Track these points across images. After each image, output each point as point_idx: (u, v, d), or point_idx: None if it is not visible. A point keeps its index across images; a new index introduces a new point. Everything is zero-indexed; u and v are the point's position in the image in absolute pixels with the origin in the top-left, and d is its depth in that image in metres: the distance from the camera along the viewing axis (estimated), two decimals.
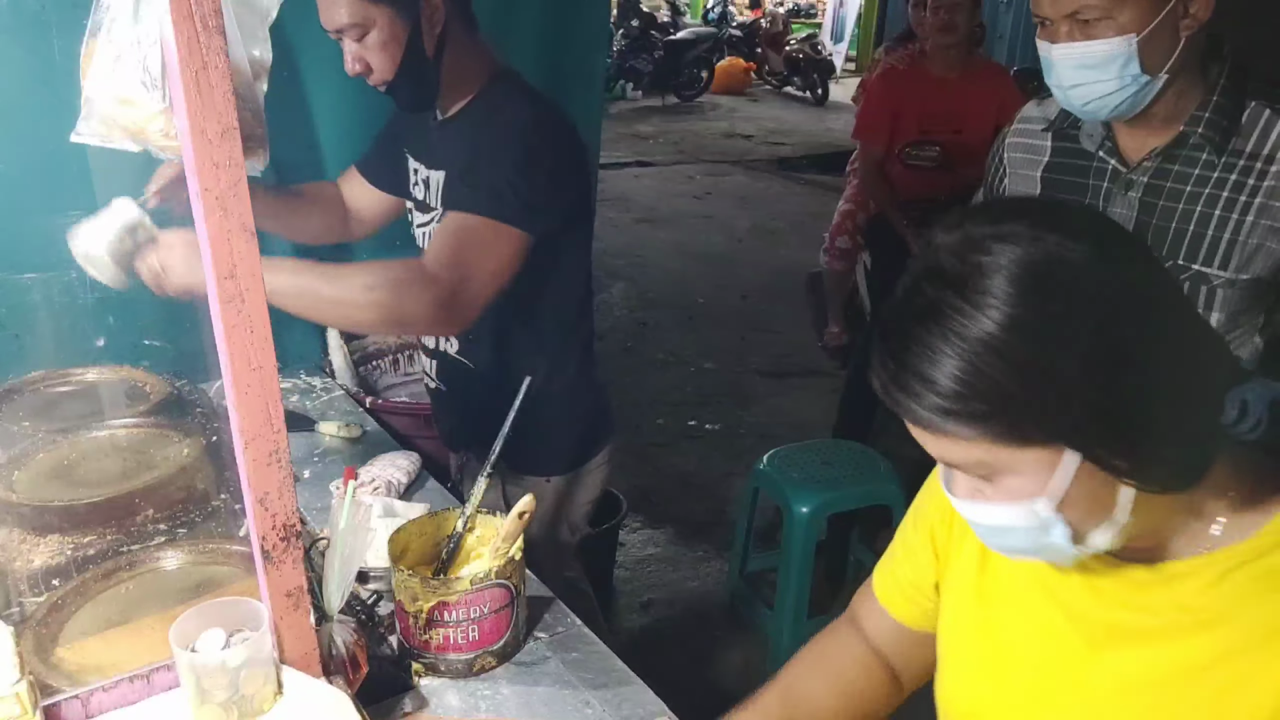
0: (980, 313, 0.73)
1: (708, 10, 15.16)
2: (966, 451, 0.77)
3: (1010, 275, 0.74)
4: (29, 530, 1.41)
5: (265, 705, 1.07)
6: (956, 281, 0.75)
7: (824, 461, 2.87)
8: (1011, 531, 0.82)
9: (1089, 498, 0.78)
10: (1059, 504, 0.78)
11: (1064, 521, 0.79)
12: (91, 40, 1.23)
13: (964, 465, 0.80)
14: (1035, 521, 0.79)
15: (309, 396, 2.19)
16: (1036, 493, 0.78)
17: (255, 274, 0.93)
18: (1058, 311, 0.73)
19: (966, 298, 0.74)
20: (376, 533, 1.48)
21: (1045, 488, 0.77)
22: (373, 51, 1.54)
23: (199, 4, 0.84)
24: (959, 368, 0.74)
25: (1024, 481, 0.78)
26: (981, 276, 0.74)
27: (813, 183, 8.83)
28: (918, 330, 0.76)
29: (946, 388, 0.74)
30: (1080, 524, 0.80)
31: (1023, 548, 0.84)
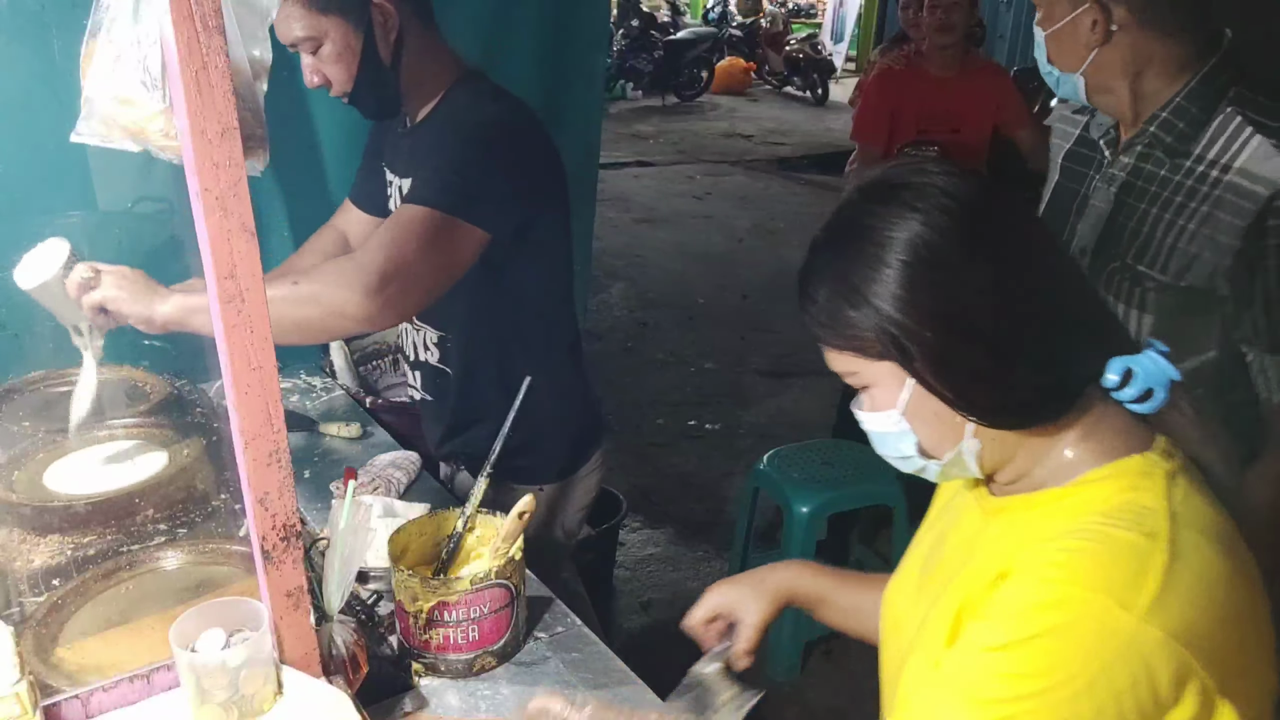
0: (867, 267, 0.86)
1: (708, 10, 15.15)
2: (841, 362, 0.92)
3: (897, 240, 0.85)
4: (29, 530, 1.41)
5: (265, 705, 1.07)
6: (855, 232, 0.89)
7: (824, 461, 2.87)
8: (880, 438, 0.94)
9: (935, 419, 0.89)
10: (907, 417, 0.90)
11: (914, 434, 0.91)
12: (91, 40, 1.24)
13: (842, 373, 0.93)
14: (893, 430, 0.92)
15: (309, 396, 2.19)
16: (889, 405, 0.90)
17: (255, 274, 0.93)
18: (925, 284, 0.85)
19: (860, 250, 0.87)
20: (376, 533, 1.48)
21: (894, 401, 0.90)
22: (328, 63, 1.54)
23: (199, 4, 0.84)
24: (817, 283, 0.90)
25: (881, 393, 0.91)
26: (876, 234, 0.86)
27: (813, 183, 8.83)
28: (816, 258, 0.92)
29: (826, 316, 0.89)
30: (929, 442, 0.91)
31: (889, 455, 0.96)
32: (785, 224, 7.58)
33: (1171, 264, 1.43)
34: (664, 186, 8.77)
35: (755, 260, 6.67)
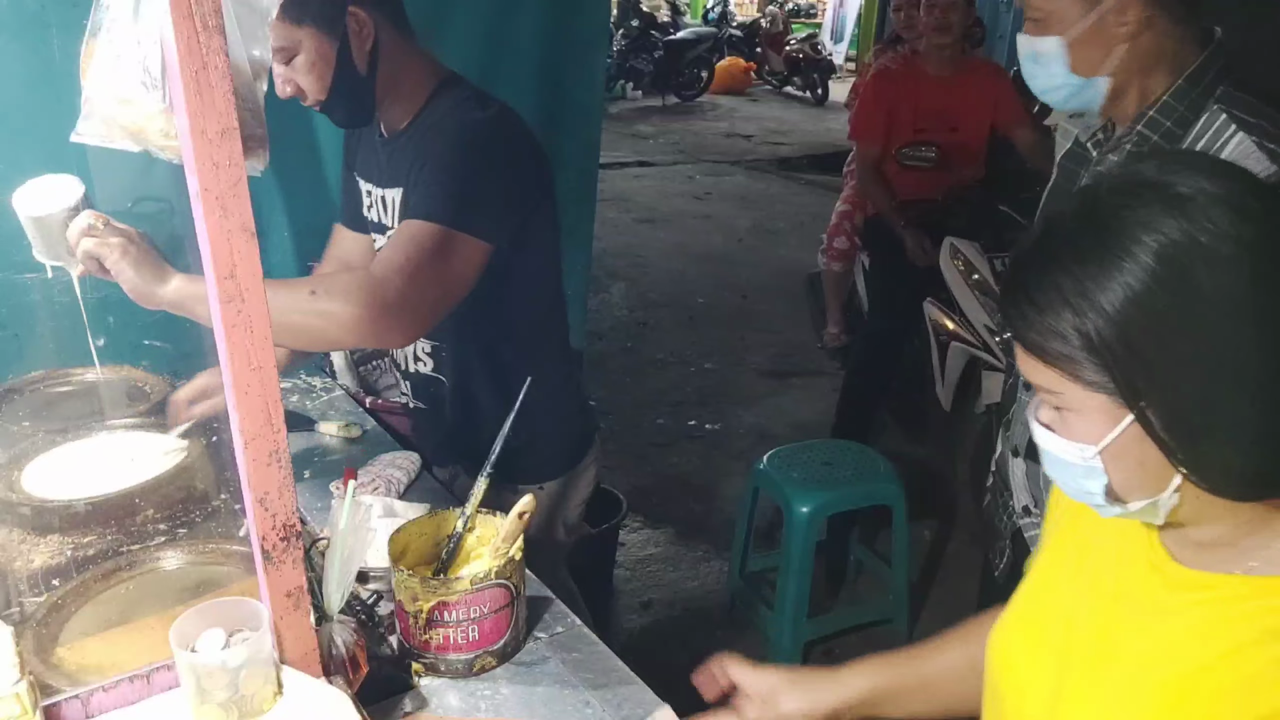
0: (1110, 274, 0.75)
1: (708, 10, 15.16)
2: (1043, 375, 0.81)
3: (1154, 252, 0.73)
4: (29, 530, 1.41)
5: (265, 705, 1.07)
6: (1104, 232, 0.76)
7: (824, 461, 2.87)
8: (1062, 466, 0.84)
9: (1138, 464, 0.79)
10: (1104, 455, 0.80)
11: (1105, 474, 0.81)
12: (91, 40, 1.23)
13: (1041, 387, 0.83)
14: (1081, 463, 0.82)
15: (309, 396, 2.19)
16: (1090, 438, 0.80)
17: (255, 274, 0.93)
18: (1178, 308, 0.74)
19: (1104, 254, 0.75)
20: (376, 533, 1.48)
21: (1099, 437, 0.80)
22: (301, 73, 1.51)
23: (199, 4, 0.84)
24: (1066, 310, 0.76)
25: (1084, 424, 0.80)
26: (1128, 240, 0.75)
27: (813, 183, 8.83)
28: (1046, 259, 0.79)
29: (1045, 324, 0.78)
30: (1121, 486, 0.81)
31: (1068, 486, 0.86)
32: (785, 224, 7.58)
33: None
34: (664, 186, 8.77)
35: (755, 260, 6.67)
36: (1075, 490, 0.85)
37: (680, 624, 3.06)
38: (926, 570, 3.26)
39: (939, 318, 3.38)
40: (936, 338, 3.41)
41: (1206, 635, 0.82)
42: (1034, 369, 0.81)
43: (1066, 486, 0.87)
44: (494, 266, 1.57)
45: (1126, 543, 0.92)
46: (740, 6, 16.29)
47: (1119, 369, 0.76)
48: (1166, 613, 0.86)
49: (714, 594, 3.20)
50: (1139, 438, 0.78)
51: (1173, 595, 0.86)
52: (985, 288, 3.16)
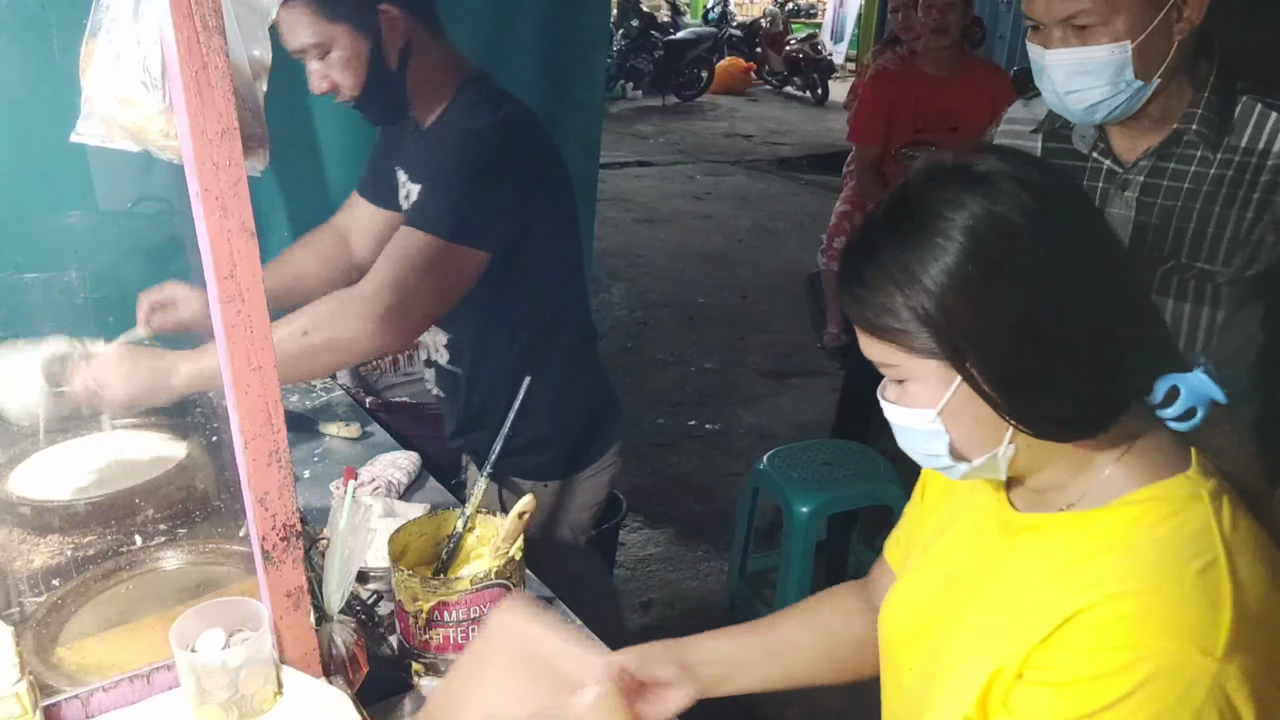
0: (926, 251, 0.82)
1: (708, 10, 15.16)
2: (881, 351, 0.87)
3: (960, 227, 0.81)
4: (29, 530, 1.41)
5: (265, 705, 1.07)
6: (917, 214, 0.84)
7: (824, 461, 2.87)
8: (908, 434, 0.91)
9: (973, 420, 0.86)
10: (943, 417, 0.86)
11: (946, 434, 0.87)
12: (91, 40, 1.23)
13: (880, 362, 0.89)
14: (924, 428, 0.88)
15: (309, 396, 2.19)
16: (928, 403, 0.87)
17: (255, 274, 0.93)
18: (985, 274, 0.81)
19: (919, 234, 0.83)
20: (376, 533, 1.48)
21: (935, 400, 0.86)
22: (336, 69, 1.55)
23: (199, 4, 0.84)
24: (874, 272, 0.84)
25: (923, 390, 0.87)
26: (937, 219, 0.82)
27: (813, 183, 8.83)
28: (872, 244, 0.86)
29: (877, 302, 0.85)
30: (964, 444, 0.88)
31: (914, 450, 0.92)
32: (785, 224, 7.58)
33: (1237, 255, 1.42)
34: (664, 186, 8.77)
35: (755, 260, 6.67)
36: (923, 455, 0.91)
37: (680, 624, 3.06)
38: None
39: None
40: None
41: (1030, 568, 0.90)
42: (870, 345, 0.88)
43: (915, 453, 0.92)
44: (501, 266, 1.59)
45: (983, 503, 1.00)
46: (740, 6, 16.29)
47: (943, 335, 0.82)
48: (1005, 555, 0.94)
49: (714, 594, 3.20)
50: (970, 396, 0.84)
51: (1011, 538, 0.94)
52: None
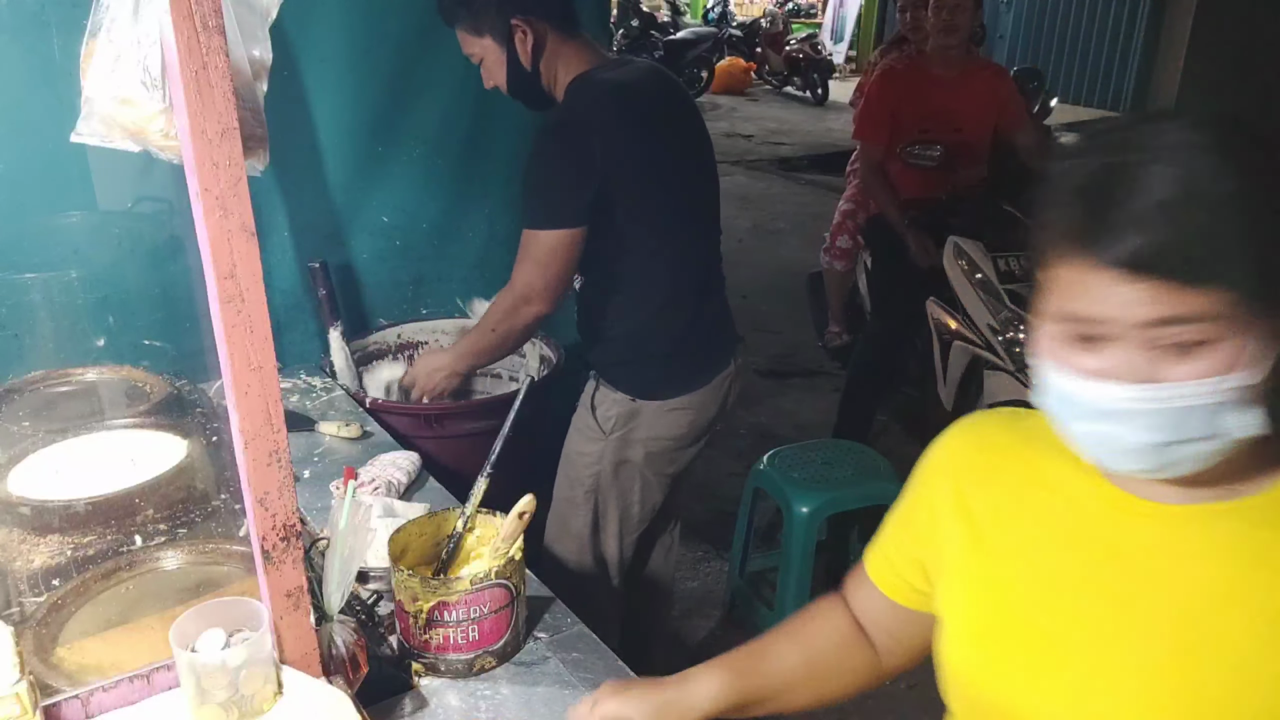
0: (1229, 162, 0.72)
1: (708, 10, 15.16)
2: (1193, 303, 0.71)
3: (1245, 138, 0.74)
4: (29, 530, 1.41)
5: (265, 705, 1.07)
6: (1190, 138, 0.73)
7: (824, 461, 2.87)
8: (1192, 414, 0.74)
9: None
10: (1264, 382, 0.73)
11: (1254, 403, 0.74)
12: (91, 40, 1.23)
13: (1181, 318, 0.72)
14: (1235, 398, 0.73)
15: (309, 396, 2.19)
16: (1243, 367, 0.73)
17: (255, 274, 0.93)
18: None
19: (1206, 149, 0.72)
20: (376, 533, 1.48)
21: (1259, 360, 0.73)
22: (491, 72, 1.95)
23: (199, 4, 0.84)
24: (1228, 200, 0.70)
25: (1239, 348, 0.73)
26: (1215, 142, 0.73)
27: (813, 183, 8.83)
28: (1159, 167, 0.71)
29: (1203, 223, 0.70)
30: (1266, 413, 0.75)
31: (1191, 437, 0.76)
32: (785, 224, 7.58)
33: None
34: None
35: (755, 260, 6.67)
36: (1192, 443, 0.76)
37: (680, 624, 3.05)
38: None
39: (942, 317, 3.38)
40: (939, 337, 3.41)
41: (1229, 556, 0.81)
42: (1177, 301, 0.72)
43: (1170, 448, 0.76)
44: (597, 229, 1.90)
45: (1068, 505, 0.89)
46: (740, 6, 16.28)
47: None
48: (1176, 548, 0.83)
49: (714, 594, 3.20)
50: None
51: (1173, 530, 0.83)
52: (989, 287, 3.16)
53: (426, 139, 2.38)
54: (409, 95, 2.32)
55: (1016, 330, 3.05)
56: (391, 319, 2.53)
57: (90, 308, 1.89)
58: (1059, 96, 8.74)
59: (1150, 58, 9.85)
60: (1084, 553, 0.88)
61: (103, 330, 1.91)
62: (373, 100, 2.28)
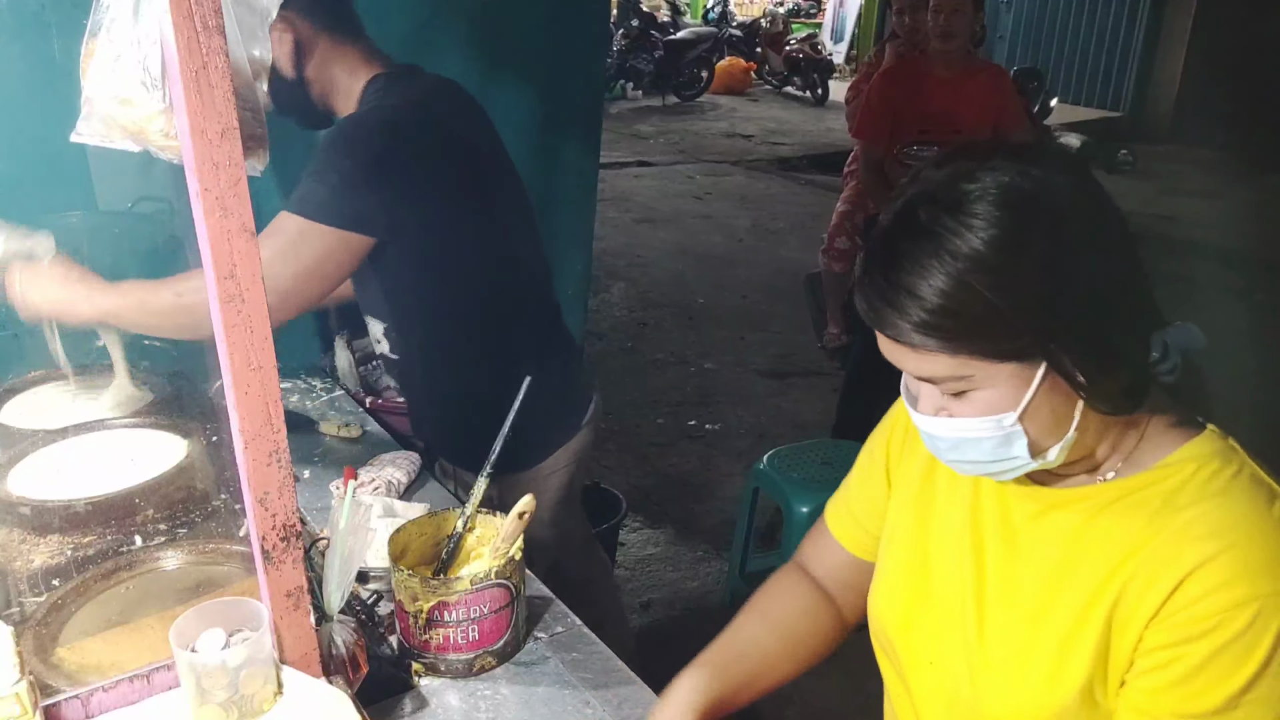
0: (970, 232, 0.81)
1: (708, 10, 15.16)
2: (945, 365, 0.84)
3: (996, 200, 0.81)
4: (29, 530, 1.41)
5: (265, 705, 1.07)
6: (948, 204, 0.82)
7: (824, 461, 2.87)
8: (975, 444, 0.88)
9: (1049, 413, 0.86)
10: (1023, 417, 0.85)
11: (1025, 435, 0.86)
12: (91, 40, 1.23)
13: (941, 378, 0.86)
14: (999, 434, 0.86)
15: (309, 396, 2.19)
16: (1006, 407, 0.85)
17: (255, 274, 0.93)
18: (1039, 231, 0.81)
19: (957, 219, 0.81)
20: (376, 533, 1.48)
21: (1015, 402, 0.85)
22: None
23: (199, 4, 0.84)
24: (947, 284, 0.81)
25: (996, 394, 0.85)
26: (970, 201, 0.82)
27: (813, 183, 8.83)
28: (909, 248, 0.83)
29: (933, 303, 0.81)
30: (1039, 438, 0.87)
31: (982, 460, 0.90)
32: (785, 224, 7.58)
33: None
34: (664, 186, 8.77)
35: (755, 260, 6.67)
36: (993, 462, 0.89)
37: (680, 624, 3.06)
38: None
39: None
40: None
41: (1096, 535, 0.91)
42: (927, 362, 0.85)
43: (980, 463, 0.90)
44: (403, 255, 1.61)
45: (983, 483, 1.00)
46: (740, 6, 16.28)
47: (1031, 320, 0.81)
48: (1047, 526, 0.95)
49: (714, 594, 3.20)
50: (1047, 390, 0.84)
51: (1047, 512, 0.95)
52: None
53: None
54: None
55: None
56: None
57: None
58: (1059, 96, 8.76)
59: (1150, 58, 9.86)
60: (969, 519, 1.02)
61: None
62: None
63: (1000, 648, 0.97)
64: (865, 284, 0.86)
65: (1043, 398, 0.85)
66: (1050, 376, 0.84)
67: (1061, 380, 0.84)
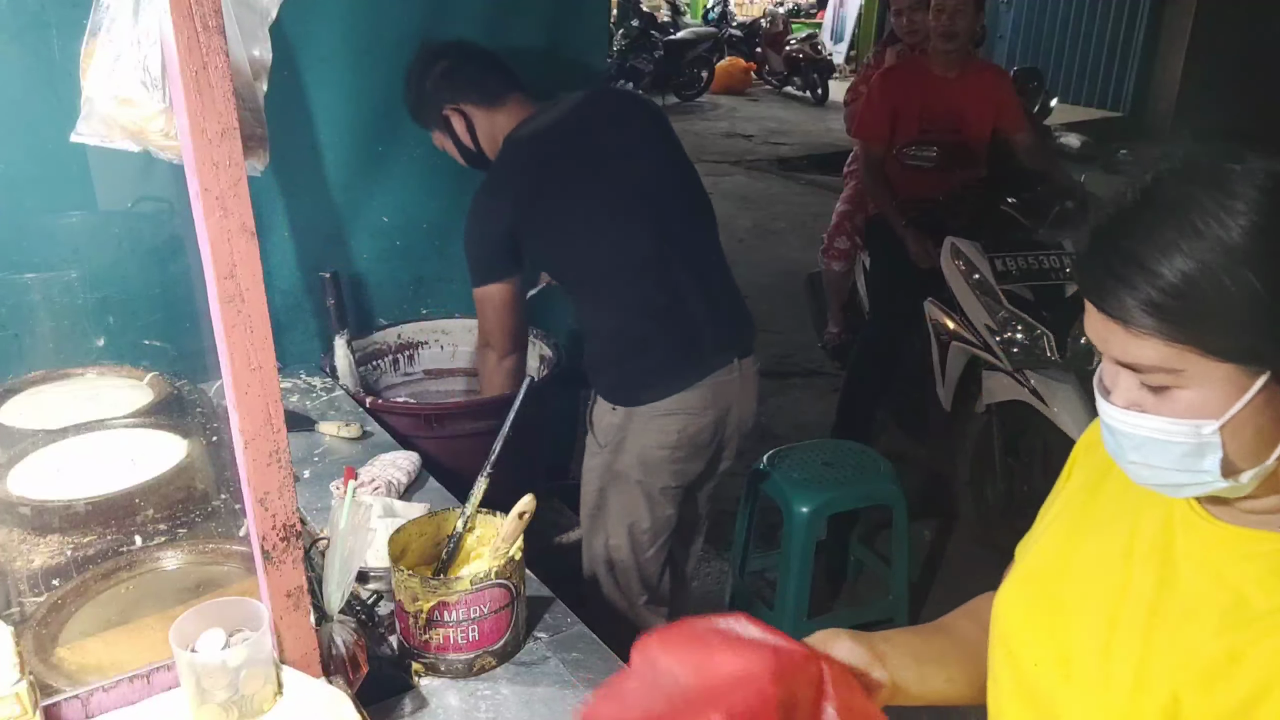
0: (1227, 215, 0.73)
1: (708, 10, 15.16)
2: (1158, 353, 0.76)
3: (1263, 185, 0.74)
4: (29, 530, 1.41)
5: (265, 705, 1.07)
6: (1208, 180, 0.75)
7: (824, 461, 2.87)
8: (1163, 449, 0.80)
9: (1254, 432, 0.78)
10: (1226, 428, 0.77)
11: (1221, 449, 0.78)
12: (91, 40, 1.23)
13: (1149, 367, 0.78)
14: (1194, 442, 0.78)
15: (309, 396, 2.19)
16: (1209, 414, 0.77)
17: (255, 274, 0.93)
18: None
19: (1216, 198, 0.74)
20: (376, 533, 1.48)
21: (1221, 409, 0.76)
22: (455, 156, 2.14)
23: (199, 4, 0.84)
24: (1190, 266, 0.73)
25: (1203, 397, 0.77)
26: (1234, 182, 0.74)
27: (813, 183, 8.82)
28: (1153, 221, 0.76)
29: (1169, 282, 0.74)
30: (1235, 456, 0.79)
31: (1165, 467, 0.81)
32: (785, 224, 7.57)
33: None
34: None
35: (755, 260, 6.66)
36: (1173, 470, 0.81)
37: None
38: (926, 570, 3.26)
39: (940, 317, 3.38)
40: (937, 337, 3.41)
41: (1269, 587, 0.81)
42: (1138, 345, 0.77)
43: (1157, 470, 0.82)
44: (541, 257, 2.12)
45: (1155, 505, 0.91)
46: (740, 6, 16.28)
47: (1263, 318, 0.73)
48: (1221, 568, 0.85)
49: (714, 594, 3.20)
50: (1262, 404, 0.76)
51: (1225, 550, 0.85)
52: (986, 287, 3.16)
53: (426, 139, 2.39)
54: None
55: (1013, 330, 3.05)
56: (391, 319, 2.53)
57: (90, 308, 1.89)
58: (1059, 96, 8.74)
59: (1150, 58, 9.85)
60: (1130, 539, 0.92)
61: (103, 330, 1.91)
62: (373, 100, 2.28)
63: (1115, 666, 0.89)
64: (1091, 253, 0.79)
65: (1252, 411, 0.76)
66: (1269, 390, 0.76)
67: (1278, 398, 0.76)
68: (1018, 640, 0.99)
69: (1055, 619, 0.95)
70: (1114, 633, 0.89)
